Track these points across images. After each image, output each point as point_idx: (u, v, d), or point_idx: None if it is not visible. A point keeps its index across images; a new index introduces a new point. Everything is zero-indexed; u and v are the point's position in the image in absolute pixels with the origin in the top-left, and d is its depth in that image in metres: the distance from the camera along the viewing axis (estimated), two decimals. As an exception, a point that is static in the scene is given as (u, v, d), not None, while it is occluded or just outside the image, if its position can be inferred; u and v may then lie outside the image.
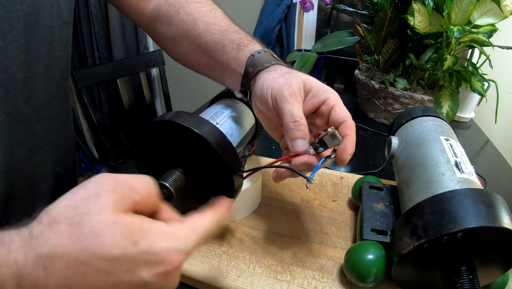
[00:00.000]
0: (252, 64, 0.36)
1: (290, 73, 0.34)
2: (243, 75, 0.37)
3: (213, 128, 0.34)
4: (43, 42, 0.35)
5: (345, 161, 0.31)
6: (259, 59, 0.36)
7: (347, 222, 0.45)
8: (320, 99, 0.33)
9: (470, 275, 0.28)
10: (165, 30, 0.43)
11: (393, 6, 0.74)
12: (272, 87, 0.33)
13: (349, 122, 0.32)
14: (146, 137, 0.36)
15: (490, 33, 0.70)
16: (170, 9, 0.42)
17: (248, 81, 0.36)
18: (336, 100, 0.33)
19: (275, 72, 0.34)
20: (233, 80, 0.39)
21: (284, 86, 0.32)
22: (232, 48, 0.38)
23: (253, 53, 0.36)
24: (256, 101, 0.36)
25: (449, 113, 0.70)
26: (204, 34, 0.39)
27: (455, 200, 0.29)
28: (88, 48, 1.56)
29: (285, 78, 0.33)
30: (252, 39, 0.39)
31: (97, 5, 1.48)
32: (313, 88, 0.34)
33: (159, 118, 0.34)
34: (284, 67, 0.36)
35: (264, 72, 0.35)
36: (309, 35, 1.37)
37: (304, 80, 0.33)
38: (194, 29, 0.40)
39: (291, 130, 0.31)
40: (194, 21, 0.40)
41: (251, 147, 0.47)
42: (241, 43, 0.38)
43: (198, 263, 0.37)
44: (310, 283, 0.36)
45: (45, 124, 0.39)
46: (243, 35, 0.39)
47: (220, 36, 0.39)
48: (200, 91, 1.61)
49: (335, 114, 0.32)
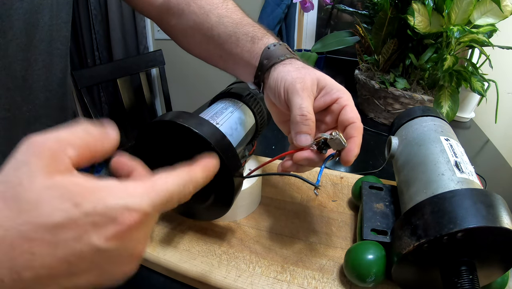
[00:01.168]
0: (267, 56, 0.36)
1: (305, 68, 0.34)
2: (258, 67, 0.37)
3: (213, 128, 0.34)
4: (43, 40, 0.35)
5: (349, 162, 0.31)
6: (274, 52, 0.36)
7: (347, 222, 0.45)
8: (333, 97, 0.33)
9: (470, 275, 0.28)
10: (177, 23, 0.43)
11: (393, 6, 0.74)
12: (285, 79, 0.33)
13: (358, 124, 0.32)
14: (146, 137, 0.36)
15: (490, 33, 0.70)
16: (181, 2, 0.42)
17: (263, 73, 0.36)
18: (348, 100, 0.33)
19: (290, 65, 0.35)
20: (246, 72, 0.39)
21: (298, 80, 0.32)
22: (247, 41, 0.38)
23: (269, 45, 0.36)
24: (269, 92, 0.36)
25: (449, 113, 0.70)
26: (216, 26, 0.39)
27: (455, 200, 0.29)
28: (88, 48, 1.56)
29: (299, 73, 0.33)
30: (266, 32, 0.39)
31: (97, 5, 1.48)
32: (326, 86, 0.34)
33: (159, 118, 0.34)
34: (300, 61, 0.36)
35: (279, 64, 0.35)
36: (309, 35, 1.37)
37: (318, 77, 0.34)
38: (206, 22, 0.40)
39: (297, 124, 0.31)
40: (206, 14, 0.40)
41: (251, 147, 0.47)
42: (255, 36, 0.38)
43: (198, 263, 0.37)
44: (310, 283, 0.36)
45: (45, 123, 0.39)
46: (257, 28, 0.39)
47: (234, 29, 0.39)
48: (200, 91, 1.61)
49: (345, 114, 0.32)
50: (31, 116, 0.36)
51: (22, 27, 0.32)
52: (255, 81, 0.38)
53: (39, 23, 0.34)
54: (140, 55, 1.48)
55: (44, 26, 0.35)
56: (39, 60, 0.35)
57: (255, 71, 0.37)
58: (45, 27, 0.35)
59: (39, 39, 0.34)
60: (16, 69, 0.32)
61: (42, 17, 0.34)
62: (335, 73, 1.19)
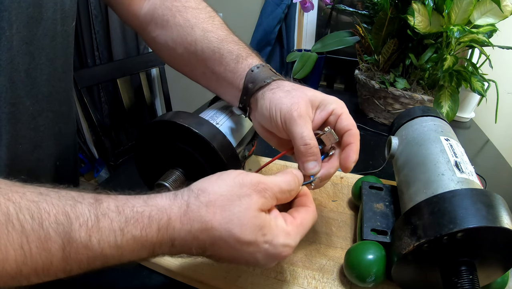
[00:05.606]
0: (252, 80, 0.35)
1: (295, 89, 0.34)
2: (243, 91, 0.36)
3: (213, 128, 0.34)
4: (46, 34, 0.35)
5: (348, 168, 0.33)
6: (258, 74, 0.35)
7: (347, 222, 0.45)
8: (328, 111, 0.34)
9: (470, 275, 0.28)
10: (160, 34, 0.42)
11: (393, 6, 0.74)
12: (280, 108, 0.33)
13: (354, 131, 0.34)
14: (146, 137, 0.36)
15: (490, 33, 0.70)
16: (166, 13, 0.41)
17: (248, 98, 0.36)
18: (342, 109, 0.34)
19: (279, 90, 0.34)
20: (230, 93, 0.39)
21: (293, 106, 0.32)
22: (231, 60, 0.37)
23: (252, 68, 0.36)
24: (261, 120, 0.35)
25: (449, 113, 0.70)
26: (200, 41, 0.39)
27: (455, 200, 0.29)
28: (88, 48, 1.56)
29: (292, 97, 0.33)
30: (251, 52, 0.38)
31: (97, 5, 1.47)
32: (320, 103, 0.34)
33: (159, 118, 0.34)
34: (287, 82, 0.36)
35: (267, 90, 0.35)
36: (309, 35, 1.37)
37: (310, 97, 0.34)
38: (190, 35, 0.39)
39: (302, 154, 0.32)
40: (191, 27, 0.39)
41: (251, 147, 0.47)
42: (240, 55, 0.37)
43: (198, 263, 0.37)
44: (310, 283, 0.36)
45: (48, 117, 0.39)
46: (241, 47, 0.38)
47: (218, 44, 0.38)
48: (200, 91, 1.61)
49: (341, 123, 0.34)
50: (34, 110, 0.36)
51: (25, 21, 0.32)
52: (241, 106, 0.37)
53: (42, 17, 0.34)
54: (140, 55, 1.48)
55: (47, 20, 0.35)
56: (43, 55, 0.35)
57: (239, 94, 0.37)
58: (48, 21, 0.35)
59: (43, 33, 0.34)
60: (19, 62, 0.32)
61: (45, 11, 0.34)
62: (335, 73, 1.19)
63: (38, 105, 0.36)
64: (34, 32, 0.33)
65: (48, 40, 0.36)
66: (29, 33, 0.33)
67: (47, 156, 0.40)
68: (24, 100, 0.34)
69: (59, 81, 0.39)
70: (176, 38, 0.40)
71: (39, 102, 0.36)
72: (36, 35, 0.34)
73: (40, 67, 0.35)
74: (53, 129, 0.40)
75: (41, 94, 0.36)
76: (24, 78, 0.34)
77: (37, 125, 0.37)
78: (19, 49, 0.32)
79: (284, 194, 0.28)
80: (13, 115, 0.33)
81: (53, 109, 0.39)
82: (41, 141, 0.38)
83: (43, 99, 0.37)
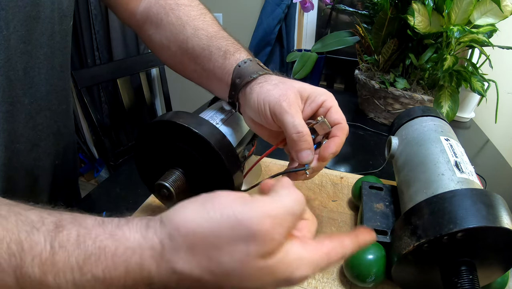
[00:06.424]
0: (239, 75, 0.35)
1: (283, 82, 0.34)
2: (231, 86, 0.36)
3: (213, 128, 0.34)
4: (44, 33, 0.35)
5: (325, 158, 0.32)
6: (245, 69, 0.35)
7: (347, 222, 0.45)
8: (318, 103, 0.34)
9: (470, 275, 0.28)
10: (154, 33, 0.42)
11: (393, 6, 0.74)
12: (269, 101, 0.32)
13: (343, 125, 0.33)
14: (146, 137, 0.36)
15: (490, 33, 0.70)
16: (160, 11, 0.41)
17: (236, 93, 0.36)
18: (333, 102, 0.34)
19: (267, 83, 0.34)
20: (220, 89, 0.39)
21: (281, 97, 0.32)
22: (219, 56, 0.37)
23: (239, 63, 0.36)
24: (251, 114, 0.35)
25: (449, 113, 0.70)
26: (191, 39, 0.39)
27: (455, 200, 0.29)
28: (88, 48, 1.56)
29: (279, 89, 0.33)
30: (240, 47, 0.38)
31: (97, 5, 1.47)
32: (310, 94, 0.34)
33: (159, 118, 0.34)
34: (274, 76, 0.35)
35: (254, 84, 0.34)
36: (309, 35, 1.37)
37: (298, 88, 0.33)
38: (182, 33, 0.39)
39: (296, 143, 0.32)
40: (183, 25, 0.40)
41: (251, 147, 0.47)
42: (228, 51, 0.37)
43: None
44: (310, 283, 0.36)
45: (46, 116, 0.39)
46: (230, 42, 0.38)
47: (208, 42, 0.38)
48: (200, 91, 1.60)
49: (330, 116, 0.33)
50: (32, 109, 0.36)
51: (22, 20, 0.32)
52: (230, 101, 0.38)
53: (40, 16, 0.34)
54: (140, 55, 1.48)
55: (45, 19, 0.35)
56: (40, 53, 0.35)
57: (228, 89, 0.37)
58: (46, 20, 0.35)
59: (40, 32, 0.35)
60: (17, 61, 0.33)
61: (43, 10, 0.34)
62: (335, 73, 1.19)
63: (36, 104, 0.36)
64: (31, 31, 0.33)
65: (46, 39, 0.36)
66: (26, 32, 0.33)
67: (46, 155, 0.40)
68: (22, 99, 0.34)
69: (57, 80, 0.39)
70: (170, 37, 0.41)
71: (37, 101, 0.36)
72: (34, 34, 0.34)
73: (38, 66, 0.35)
74: (52, 128, 0.40)
75: (39, 93, 0.36)
76: (22, 77, 0.34)
77: (35, 124, 0.37)
78: (17, 48, 0.32)
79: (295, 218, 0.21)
80: (11, 114, 0.33)
81: (51, 108, 0.39)
82: (39, 140, 0.38)
83: (41, 98, 0.37)
